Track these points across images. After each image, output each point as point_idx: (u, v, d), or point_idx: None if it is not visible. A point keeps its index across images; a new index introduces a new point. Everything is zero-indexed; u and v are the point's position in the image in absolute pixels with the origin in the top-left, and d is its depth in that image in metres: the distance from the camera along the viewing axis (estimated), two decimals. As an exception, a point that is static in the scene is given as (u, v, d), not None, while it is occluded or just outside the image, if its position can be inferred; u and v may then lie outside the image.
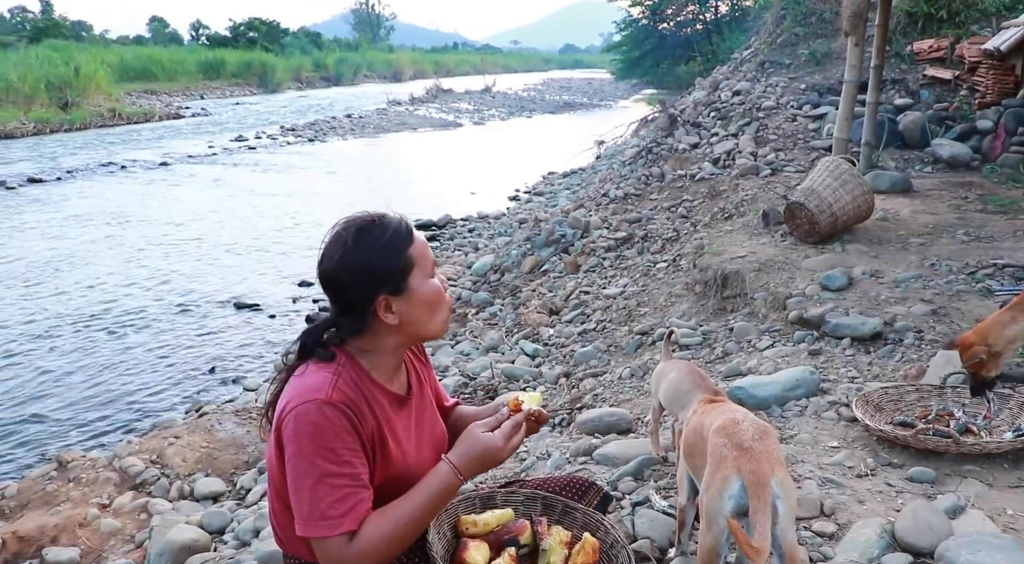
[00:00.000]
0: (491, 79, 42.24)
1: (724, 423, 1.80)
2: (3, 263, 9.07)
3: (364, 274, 1.48)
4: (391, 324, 1.50)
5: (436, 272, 1.57)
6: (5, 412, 5.50)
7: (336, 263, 1.48)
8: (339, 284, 1.50)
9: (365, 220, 1.52)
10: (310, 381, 1.44)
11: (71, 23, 62.63)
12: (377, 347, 1.54)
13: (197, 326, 7.17)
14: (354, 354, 1.53)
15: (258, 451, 4.63)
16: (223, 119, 27.55)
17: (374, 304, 1.48)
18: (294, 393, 1.44)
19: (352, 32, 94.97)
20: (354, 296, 1.49)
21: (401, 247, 1.50)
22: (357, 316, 1.51)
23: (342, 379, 1.46)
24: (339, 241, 1.49)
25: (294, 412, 1.40)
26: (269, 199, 12.83)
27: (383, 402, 1.53)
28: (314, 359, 1.51)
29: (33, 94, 24.57)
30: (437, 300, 1.55)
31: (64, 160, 17.29)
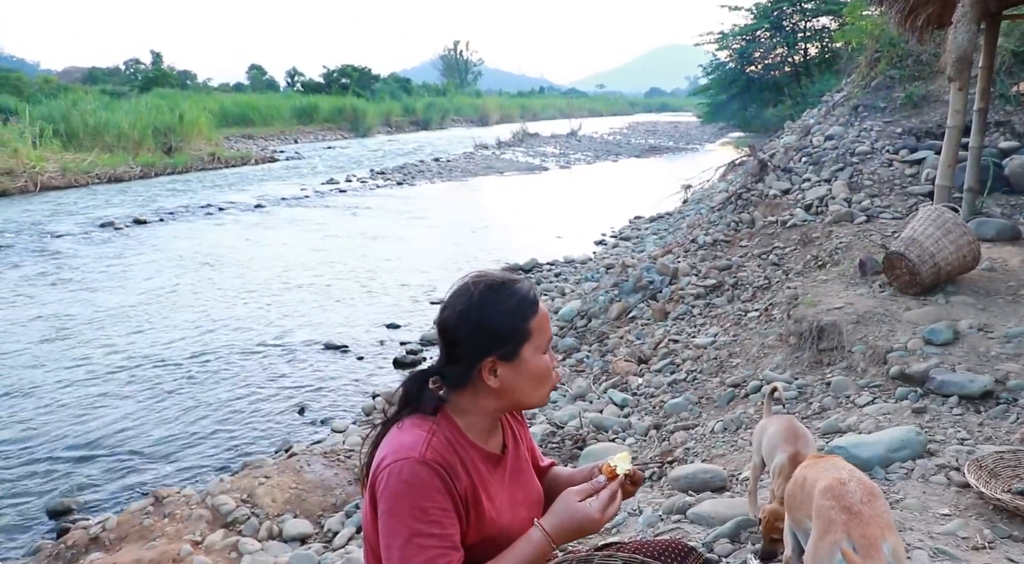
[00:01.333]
0: (577, 123, 42.43)
1: (830, 483, 1.73)
2: (107, 302, 9.45)
3: (480, 332, 1.48)
4: (492, 387, 1.50)
5: (550, 348, 1.55)
6: (108, 447, 5.68)
7: (456, 315, 1.50)
8: (454, 336, 1.50)
9: (496, 279, 1.53)
10: (405, 438, 1.45)
11: (178, 73, 65.72)
12: (475, 406, 1.53)
13: (287, 366, 7.31)
14: (451, 411, 1.53)
15: (345, 494, 4.67)
16: (315, 163, 28.37)
17: (481, 363, 1.49)
18: (389, 450, 1.44)
19: (441, 77, 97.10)
20: (464, 351, 1.50)
21: (524, 316, 1.49)
22: (462, 371, 1.51)
23: (437, 438, 1.46)
24: (465, 293, 1.51)
25: (388, 469, 1.41)
26: (359, 241, 13.10)
27: (478, 462, 1.53)
28: (412, 413, 1.52)
29: (141, 140, 25.87)
30: (544, 376, 1.53)
31: (167, 202, 18.07)
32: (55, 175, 21.23)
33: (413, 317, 8.71)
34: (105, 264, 11.59)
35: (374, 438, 1.55)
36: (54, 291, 9.99)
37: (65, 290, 10.04)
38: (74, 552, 4.20)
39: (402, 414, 1.54)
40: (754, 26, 29.25)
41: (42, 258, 12.06)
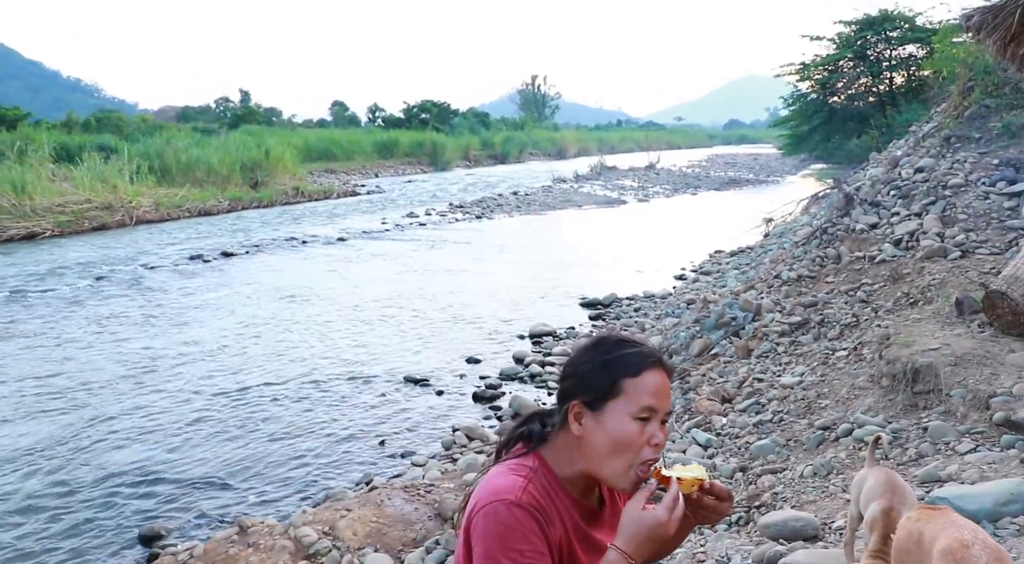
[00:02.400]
0: (655, 156, 42.28)
1: (951, 544, 1.61)
2: (194, 332, 9.73)
3: (574, 374, 1.49)
4: (575, 434, 1.47)
5: (654, 424, 1.45)
6: (194, 475, 5.80)
7: (570, 356, 1.54)
8: (561, 375, 1.54)
9: (615, 334, 1.55)
10: (501, 482, 1.43)
11: (264, 110, 67.93)
12: (568, 453, 1.50)
13: (368, 398, 7.37)
14: (549, 459, 1.51)
15: (426, 529, 4.66)
16: (395, 196, 28.87)
17: (569, 403, 1.48)
18: (484, 492, 1.43)
19: (518, 111, 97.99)
20: (562, 389, 1.52)
21: (618, 372, 1.45)
22: (559, 408, 1.52)
23: (533, 484, 1.44)
24: (583, 341, 1.55)
25: (483, 511, 1.40)
26: (438, 274, 13.23)
27: (574, 513, 1.49)
28: (511, 457, 1.51)
29: (229, 175, 26.82)
30: (623, 444, 1.43)
31: (253, 235, 18.61)
32: (149, 209, 22.11)
33: (493, 351, 8.72)
34: (194, 295, 11.96)
35: (475, 481, 1.55)
36: (145, 321, 10.33)
37: (155, 321, 10.38)
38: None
39: (504, 455, 1.54)
40: (837, 56, 28.68)
41: (136, 289, 12.51)
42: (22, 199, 19.60)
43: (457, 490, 4.98)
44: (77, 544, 4.87)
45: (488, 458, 6.04)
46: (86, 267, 14.54)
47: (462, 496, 4.65)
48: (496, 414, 6.90)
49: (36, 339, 9.59)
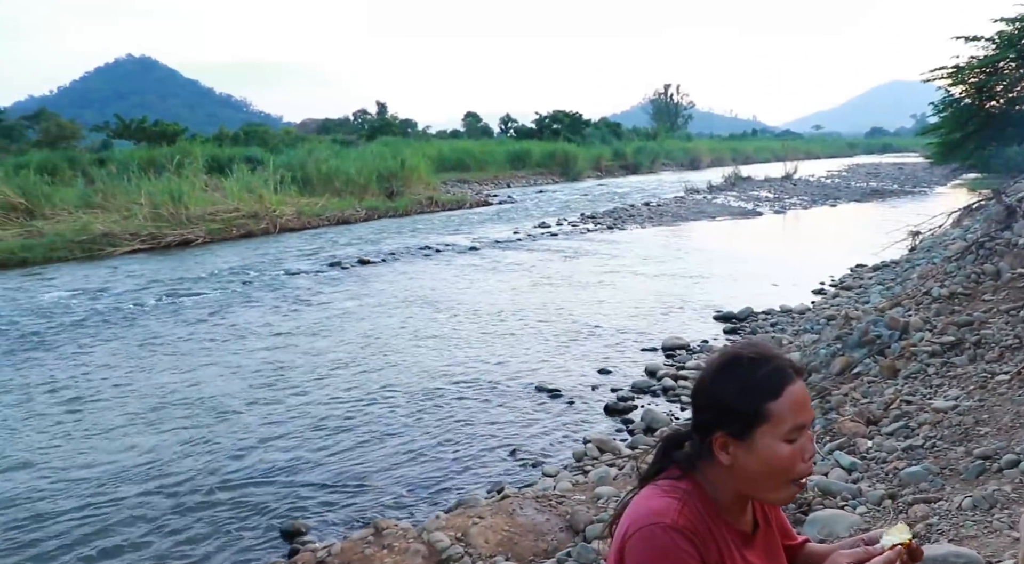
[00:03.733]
0: (792, 166, 40.96)
1: None
2: (332, 337, 10.07)
3: (712, 404, 1.44)
4: (725, 463, 1.43)
5: (803, 438, 1.42)
6: (330, 474, 5.98)
7: (699, 382, 1.48)
8: (695, 403, 1.49)
9: (747, 352, 1.46)
10: (655, 504, 1.41)
11: (400, 121, 69.95)
12: (718, 479, 1.46)
13: (499, 407, 7.42)
14: (701, 482, 1.47)
15: (557, 541, 4.63)
16: (527, 206, 29.10)
17: (712, 436, 1.44)
18: (638, 514, 1.41)
19: (650, 121, 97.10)
20: (700, 420, 1.47)
21: (761, 396, 1.40)
22: (700, 439, 1.47)
23: (688, 507, 1.41)
24: (713, 362, 1.48)
25: (639, 534, 1.37)
26: (570, 285, 13.23)
27: (727, 538, 1.45)
28: (664, 479, 1.48)
29: (367, 185, 27.74)
30: (780, 468, 1.41)
31: (388, 243, 19.16)
32: (291, 218, 23.09)
33: (624, 363, 8.64)
34: (331, 301, 12.39)
35: (625, 500, 1.52)
36: (286, 326, 10.78)
37: (295, 325, 10.81)
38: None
39: (653, 476, 1.50)
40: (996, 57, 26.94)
41: (278, 294, 13.09)
42: (179, 208, 20.86)
43: (589, 503, 4.95)
44: (223, 536, 5.11)
45: (619, 471, 6.00)
46: (233, 273, 15.32)
47: (609, 513, 4.62)
48: (628, 427, 6.82)
49: (185, 342, 10.16)
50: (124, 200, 21.47)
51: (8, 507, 5.54)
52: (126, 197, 21.62)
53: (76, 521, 5.28)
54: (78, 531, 5.13)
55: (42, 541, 5.02)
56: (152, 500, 5.59)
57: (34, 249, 18.03)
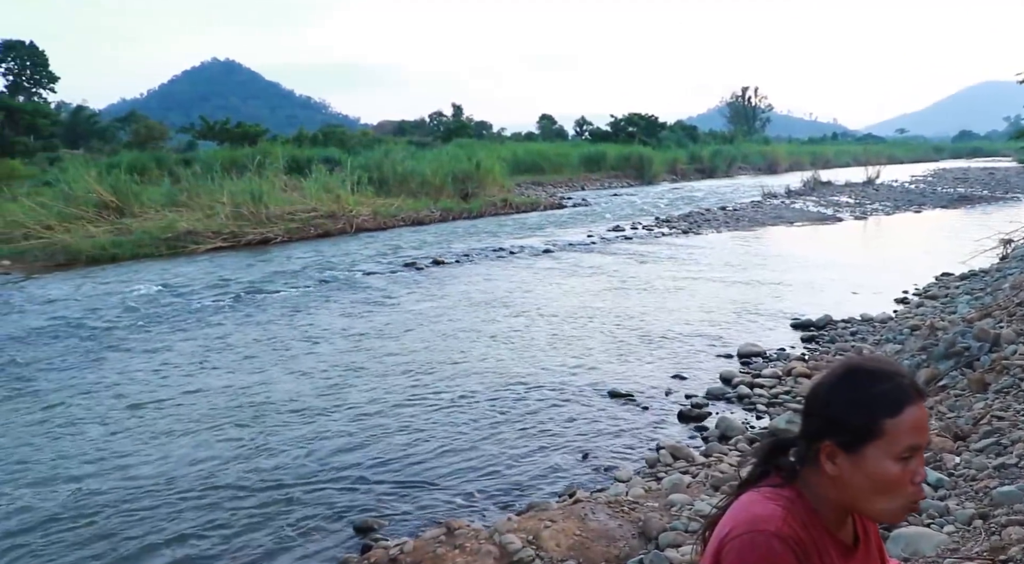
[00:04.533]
0: (874, 170, 39.89)
1: None
2: (406, 336, 10.18)
3: (825, 412, 1.41)
4: (830, 473, 1.40)
5: (916, 460, 1.38)
6: (404, 475, 6.03)
7: (815, 388, 1.46)
8: (807, 408, 1.47)
9: (869, 365, 1.43)
10: (759, 510, 1.38)
11: (475, 123, 70.49)
12: (821, 489, 1.43)
13: (571, 410, 7.38)
14: (804, 491, 1.44)
15: (629, 547, 4.59)
16: (601, 209, 28.98)
17: (820, 443, 1.40)
18: (741, 520, 1.39)
19: (727, 124, 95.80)
20: (809, 426, 1.45)
21: (876, 412, 1.36)
22: (806, 446, 1.44)
23: (791, 515, 1.38)
24: (834, 370, 1.45)
25: (741, 539, 1.35)
26: (644, 289, 13.12)
27: (829, 549, 1.42)
28: (766, 485, 1.45)
29: (442, 186, 28.02)
30: (889, 487, 1.37)
31: (462, 244, 19.31)
32: (368, 218, 23.46)
33: (698, 369, 8.52)
34: (405, 301, 12.54)
35: (722, 504, 1.50)
36: (361, 325, 10.95)
37: (369, 324, 10.97)
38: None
39: (753, 482, 1.48)
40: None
41: (354, 293, 13.30)
42: (259, 207, 21.40)
43: (662, 510, 4.89)
44: (297, 530, 5.19)
45: (693, 479, 5.92)
46: (311, 271, 15.63)
47: (683, 521, 4.57)
48: (702, 434, 6.72)
49: (262, 340, 10.40)
50: (207, 199, 22.13)
51: (87, 502, 5.75)
52: (209, 196, 22.28)
53: (149, 517, 5.41)
54: (152, 527, 5.25)
55: (122, 538, 5.16)
56: (226, 494, 5.71)
57: (123, 246, 18.72)
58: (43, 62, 56.49)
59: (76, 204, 20.86)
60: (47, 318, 11.82)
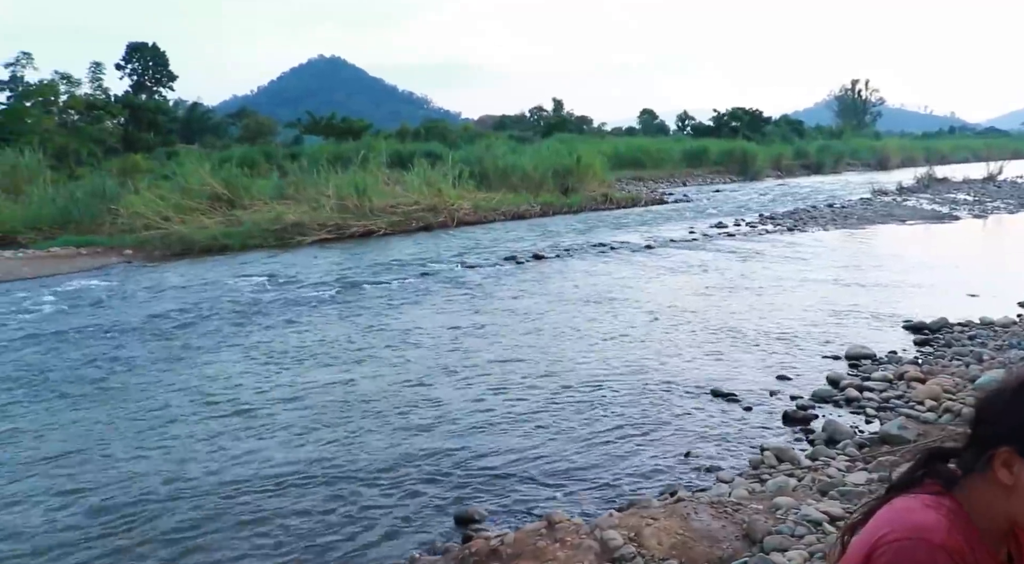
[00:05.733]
0: (996, 166, 37.94)
1: None
2: (507, 330, 10.23)
3: (1007, 418, 1.34)
4: (1003, 483, 1.33)
5: None
6: (505, 466, 6.06)
7: (995, 393, 1.40)
8: (981, 414, 1.40)
9: None
10: (921, 518, 1.32)
11: (575, 118, 70.30)
12: (985, 500, 1.36)
13: (671, 408, 7.27)
14: (961, 498, 1.38)
15: (732, 549, 4.49)
16: (703, 205, 28.52)
17: (996, 450, 1.33)
18: (899, 524, 1.33)
19: (835, 118, 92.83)
20: (984, 432, 1.38)
21: None
22: (976, 453, 1.38)
23: (955, 527, 1.32)
24: (1012, 376, 1.39)
25: (900, 544, 1.29)
26: (747, 287, 12.83)
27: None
28: (923, 492, 1.39)
29: (542, 181, 28.05)
30: None
31: (562, 239, 19.31)
32: (469, 212, 23.69)
33: (804, 371, 8.27)
34: (506, 295, 12.61)
35: (870, 506, 1.44)
36: (460, 317, 11.07)
37: (469, 317, 11.08)
38: (476, 559, 4.50)
39: (905, 487, 1.41)
40: None
41: (454, 286, 13.46)
42: (363, 201, 21.86)
43: (766, 513, 4.77)
44: (397, 519, 5.27)
45: (799, 482, 5.75)
46: (413, 264, 15.91)
47: (789, 525, 4.45)
48: (808, 437, 6.52)
49: (365, 330, 10.64)
50: (313, 192, 22.74)
51: (189, 487, 5.99)
52: (315, 189, 22.89)
53: (252, 504, 5.59)
54: (255, 514, 5.42)
55: (223, 524, 5.34)
56: (328, 484, 5.85)
57: (233, 236, 19.45)
58: (163, 62, 59.11)
59: (191, 196, 21.77)
60: (162, 304, 12.41)
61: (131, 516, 5.35)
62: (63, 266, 17.04)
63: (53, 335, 10.64)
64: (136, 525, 5.23)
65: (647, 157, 43.14)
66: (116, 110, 45.11)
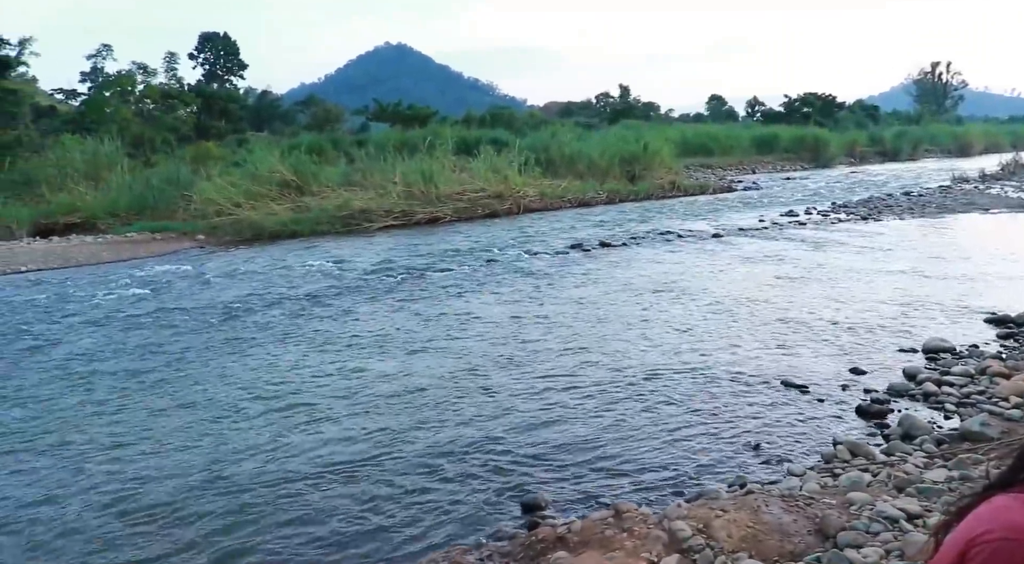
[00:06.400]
0: (1091, 151, 36.34)
1: None
2: (571, 318, 10.16)
3: None
4: None
5: None
6: (571, 456, 6.01)
7: None
8: None
9: None
10: (1020, 518, 1.23)
11: (642, 105, 69.60)
12: None
13: (740, 398, 7.13)
14: None
15: (804, 544, 4.37)
16: (772, 193, 27.96)
17: None
18: (997, 524, 1.24)
19: (913, 103, 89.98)
20: None
21: None
22: None
23: None
24: None
25: (995, 545, 1.21)
26: (818, 277, 12.52)
27: None
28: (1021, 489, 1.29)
29: (608, 168, 27.82)
30: None
31: (629, 227, 19.12)
32: (534, 199, 23.63)
33: (879, 364, 8.02)
34: (572, 283, 12.54)
35: (965, 504, 1.35)
36: (527, 304, 11.05)
37: (536, 304, 11.05)
38: (543, 546, 4.48)
39: (1006, 485, 1.32)
40: None
41: (521, 273, 13.44)
42: (429, 187, 21.98)
43: (840, 508, 4.62)
44: (466, 502, 5.28)
45: (874, 478, 5.56)
46: (479, 251, 15.93)
47: (864, 521, 4.32)
48: (883, 432, 6.31)
49: (431, 316, 10.70)
50: (380, 179, 22.94)
51: (271, 471, 6.07)
52: (382, 176, 23.09)
53: (318, 493, 5.67)
54: (321, 503, 5.49)
55: (290, 511, 5.43)
56: (395, 467, 5.91)
57: (302, 223, 19.77)
58: (234, 51, 60.36)
59: (261, 183, 22.16)
60: (232, 290, 12.70)
61: (206, 499, 5.46)
62: (139, 251, 17.56)
63: (126, 318, 10.97)
64: (195, 513, 5.33)
65: (715, 144, 42.49)
66: (189, 99, 46.23)
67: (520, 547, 4.59)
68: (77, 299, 12.42)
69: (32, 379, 8.26)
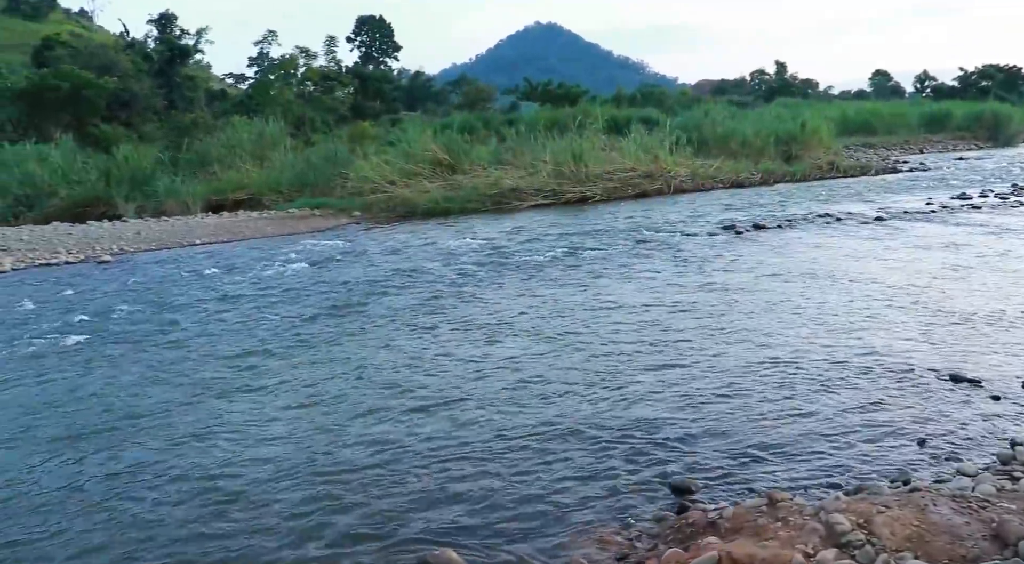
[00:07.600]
0: None
1: None
2: (723, 303, 9.90)
3: None
4: None
5: None
6: (722, 442, 5.84)
7: None
8: None
9: None
10: None
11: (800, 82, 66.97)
12: None
13: (904, 390, 6.72)
14: None
15: (979, 549, 4.08)
16: (942, 175, 26.31)
17: None
18: None
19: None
20: None
21: None
22: None
23: None
24: None
25: None
26: (995, 266, 11.63)
27: None
28: None
29: (763, 148, 26.95)
30: None
31: (785, 209, 18.47)
32: (685, 179, 23.19)
33: (1068, 360, 7.39)
34: (723, 266, 12.20)
35: None
36: (676, 287, 10.85)
37: (685, 287, 10.82)
38: (692, 530, 4.40)
39: None
40: None
41: (671, 254, 13.22)
42: (579, 167, 21.93)
43: (1022, 514, 4.29)
44: (615, 481, 5.23)
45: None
46: (629, 231, 15.77)
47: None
48: (1071, 434, 5.82)
49: (580, 299, 10.68)
50: (530, 158, 23.10)
51: (383, 449, 6.22)
52: (532, 155, 23.24)
53: (469, 466, 5.75)
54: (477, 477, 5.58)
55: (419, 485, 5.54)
56: (541, 445, 5.92)
57: (453, 201, 20.19)
58: (389, 34, 62.15)
59: (414, 162, 22.78)
60: (386, 265, 13.20)
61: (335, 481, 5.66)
62: (300, 226, 18.46)
63: (283, 291, 11.54)
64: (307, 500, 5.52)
65: (879, 122, 40.40)
66: (347, 80, 48.05)
67: (670, 529, 4.52)
68: (240, 269, 13.21)
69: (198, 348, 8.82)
